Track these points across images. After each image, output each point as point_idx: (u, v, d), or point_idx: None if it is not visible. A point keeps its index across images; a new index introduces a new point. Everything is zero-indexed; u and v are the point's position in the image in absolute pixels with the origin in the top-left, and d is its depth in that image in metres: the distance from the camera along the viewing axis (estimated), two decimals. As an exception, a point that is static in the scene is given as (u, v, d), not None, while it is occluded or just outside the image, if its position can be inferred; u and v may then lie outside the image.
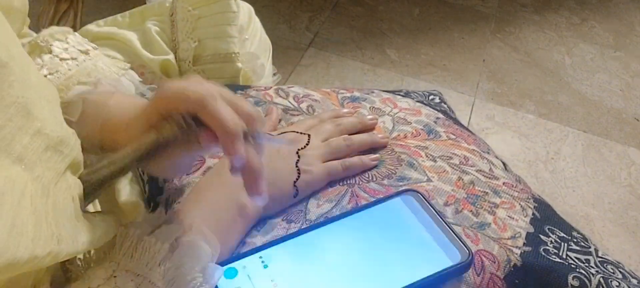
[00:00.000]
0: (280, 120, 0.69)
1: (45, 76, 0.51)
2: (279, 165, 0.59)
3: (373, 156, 0.64)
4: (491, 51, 2.02)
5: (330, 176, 0.60)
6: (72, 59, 0.54)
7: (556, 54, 2.04)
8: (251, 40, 0.87)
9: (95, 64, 0.56)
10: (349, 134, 0.66)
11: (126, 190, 0.69)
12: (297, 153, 0.60)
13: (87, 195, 0.44)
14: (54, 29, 0.57)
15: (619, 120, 1.81)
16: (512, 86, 1.89)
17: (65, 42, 0.57)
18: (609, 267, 0.58)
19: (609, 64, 2.03)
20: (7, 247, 0.32)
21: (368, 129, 0.68)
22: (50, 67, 0.52)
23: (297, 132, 0.63)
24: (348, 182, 0.61)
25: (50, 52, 0.54)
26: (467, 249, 0.51)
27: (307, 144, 0.61)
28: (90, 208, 0.52)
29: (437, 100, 0.83)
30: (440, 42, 2.02)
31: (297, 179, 0.58)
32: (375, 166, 0.63)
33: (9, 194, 0.33)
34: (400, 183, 0.60)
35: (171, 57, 0.81)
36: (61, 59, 0.53)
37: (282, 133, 0.63)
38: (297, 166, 0.59)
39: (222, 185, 0.55)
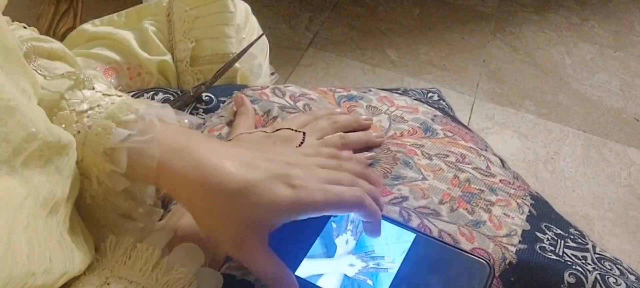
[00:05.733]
0: (276, 118, 0.69)
1: (86, 111, 0.47)
2: None
3: (368, 154, 0.63)
4: (491, 51, 2.02)
5: None
6: (118, 96, 0.49)
7: (556, 54, 2.04)
8: (248, 39, 0.86)
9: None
10: (345, 132, 0.65)
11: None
12: None
13: None
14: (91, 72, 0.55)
15: (619, 120, 1.81)
16: (512, 86, 1.89)
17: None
18: (606, 263, 0.58)
19: (609, 64, 2.03)
20: (5, 264, 0.31)
21: (363, 128, 0.68)
22: (92, 102, 0.48)
23: (292, 130, 0.62)
24: (344, 180, 0.61)
25: (93, 88, 0.50)
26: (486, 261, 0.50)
27: (302, 142, 0.61)
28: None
29: (435, 97, 0.82)
30: (440, 42, 2.02)
31: None
32: (371, 165, 0.63)
33: (6, 208, 0.33)
34: (396, 183, 0.60)
35: (168, 57, 0.81)
36: (104, 94, 0.49)
37: (276, 130, 0.62)
38: None
39: None
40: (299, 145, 0.60)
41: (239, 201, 0.43)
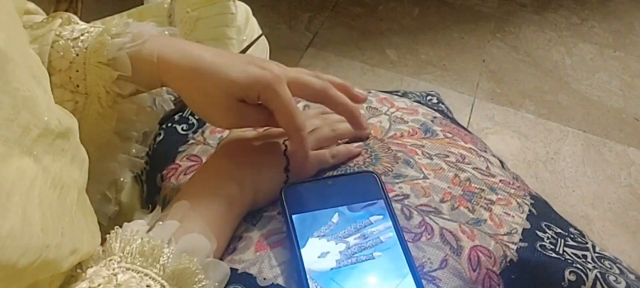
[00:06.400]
0: None
1: (79, 37, 0.55)
2: (266, 155, 0.59)
3: (357, 144, 0.65)
4: (491, 51, 2.02)
5: (319, 164, 0.61)
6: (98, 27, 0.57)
7: (556, 54, 2.04)
8: (249, 41, 0.87)
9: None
10: None
11: (126, 190, 0.69)
12: (284, 142, 0.61)
13: None
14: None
15: (619, 120, 1.81)
16: (512, 86, 1.89)
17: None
18: (606, 262, 0.58)
19: (609, 64, 2.03)
20: (22, 234, 0.33)
21: None
22: (82, 30, 0.56)
23: None
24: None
25: (78, 23, 0.58)
26: None
27: None
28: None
29: (434, 100, 0.83)
30: (440, 42, 2.02)
31: (286, 166, 0.59)
32: (359, 153, 0.64)
33: (20, 185, 0.35)
34: (397, 181, 0.60)
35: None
36: (90, 26, 0.57)
37: (267, 128, 0.63)
38: (285, 155, 0.60)
39: (209, 179, 0.56)
40: None
41: (219, 76, 0.53)
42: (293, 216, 0.53)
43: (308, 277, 0.48)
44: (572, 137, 1.74)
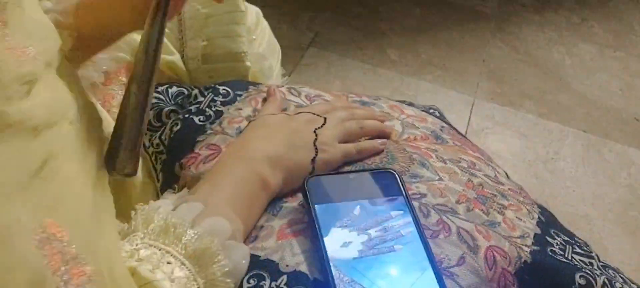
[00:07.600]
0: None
1: None
2: (297, 141, 0.60)
3: (381, 140, 0.66)
4: (491, 51, 2.03)
5: (345, 157, 0.62)
6: None
7: (556, 54, 2.05)
8: (259, 41, 0.87)
9: None
10: None
11: (138, 189, 0.69)
12: (315, 132, 0.62)
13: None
14: None
15: (619, 120, 1.82)
16: (512, 86, 1.90)
17: None
18: (610, 271, 0.60)
19: (608, 64, 2.04)
20: None
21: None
22: None
23: (314, 114, 0.65)
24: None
25: None
26: None
27: (323, 124, 0.63)
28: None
29: (437, 114, 0.84)
30: (440, 42, 2.03)
31: (314, 157, 0.60)
32: (383, 150, 0.65)
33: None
34: (413, 180, 0.61)
35: (176, 57, 0.82)
36: None
37: (299, 113, 0.64)
38: (315, 145, 0.60)
39: (242, 159, 0.56)
40: (321, 127, 0.63)
41: None
42: (316, 206, 0.53)
43: (331, 264, 0.49)
44: (572, 137, 1.75)
